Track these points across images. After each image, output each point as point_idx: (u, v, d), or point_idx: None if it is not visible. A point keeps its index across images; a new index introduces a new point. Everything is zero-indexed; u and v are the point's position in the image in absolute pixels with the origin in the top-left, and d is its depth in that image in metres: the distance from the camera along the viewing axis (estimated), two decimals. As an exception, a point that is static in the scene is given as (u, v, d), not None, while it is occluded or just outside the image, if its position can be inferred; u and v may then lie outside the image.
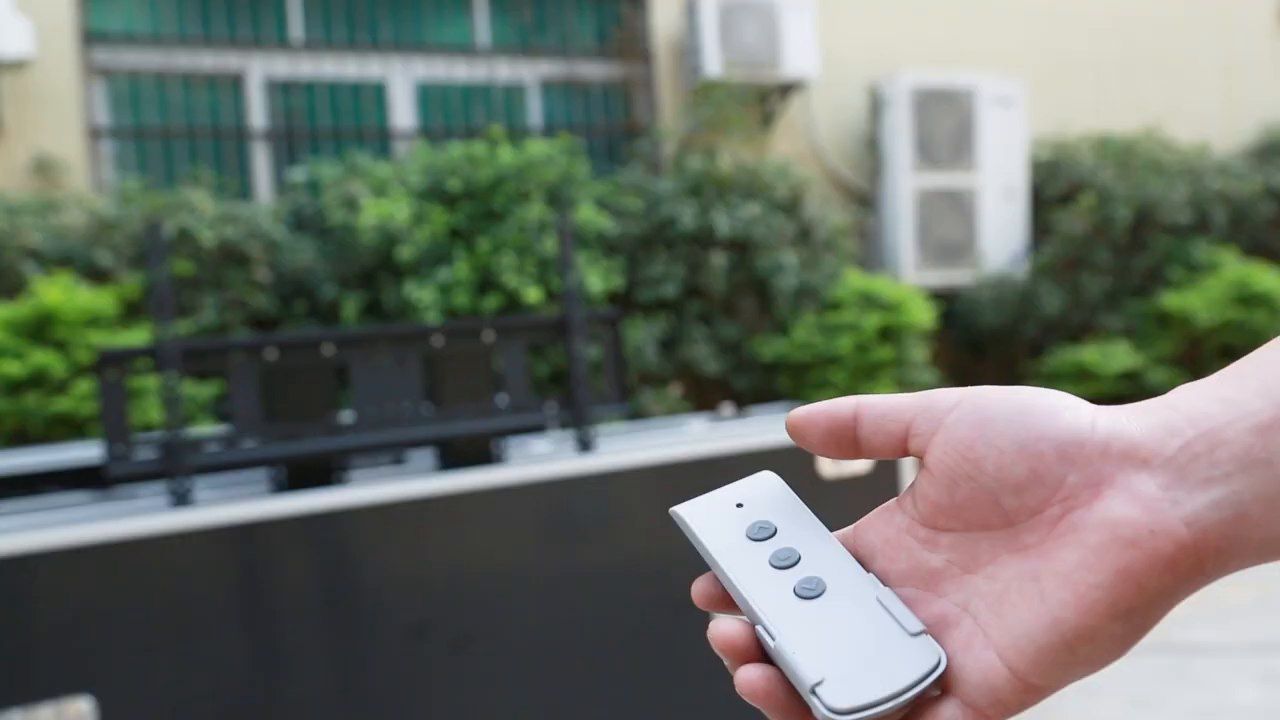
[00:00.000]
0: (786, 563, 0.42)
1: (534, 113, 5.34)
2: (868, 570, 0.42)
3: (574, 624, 1.66)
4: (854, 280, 4.94)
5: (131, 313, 3.93)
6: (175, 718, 1.39)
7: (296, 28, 4.94)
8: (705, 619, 1.69)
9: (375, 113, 5.09)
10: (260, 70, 4.87)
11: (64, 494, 1.71)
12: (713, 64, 5.07)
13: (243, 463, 1.52)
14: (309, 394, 1.60)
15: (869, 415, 0.42)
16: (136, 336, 3.69)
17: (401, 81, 5.11)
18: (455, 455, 1.72)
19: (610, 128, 5.46)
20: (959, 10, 6.00)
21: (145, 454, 1.45)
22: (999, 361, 5.79)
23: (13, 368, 3.40)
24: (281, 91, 4.93)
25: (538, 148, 4.43)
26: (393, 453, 1.84)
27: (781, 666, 0.39)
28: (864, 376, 4.84)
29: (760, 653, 0.40)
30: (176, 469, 1.45)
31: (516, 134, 5.07)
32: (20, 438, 3.55)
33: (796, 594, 0.41)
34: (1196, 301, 5.25)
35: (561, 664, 1.65)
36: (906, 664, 0.38)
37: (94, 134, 4.54)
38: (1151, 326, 5.51)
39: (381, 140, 5.06)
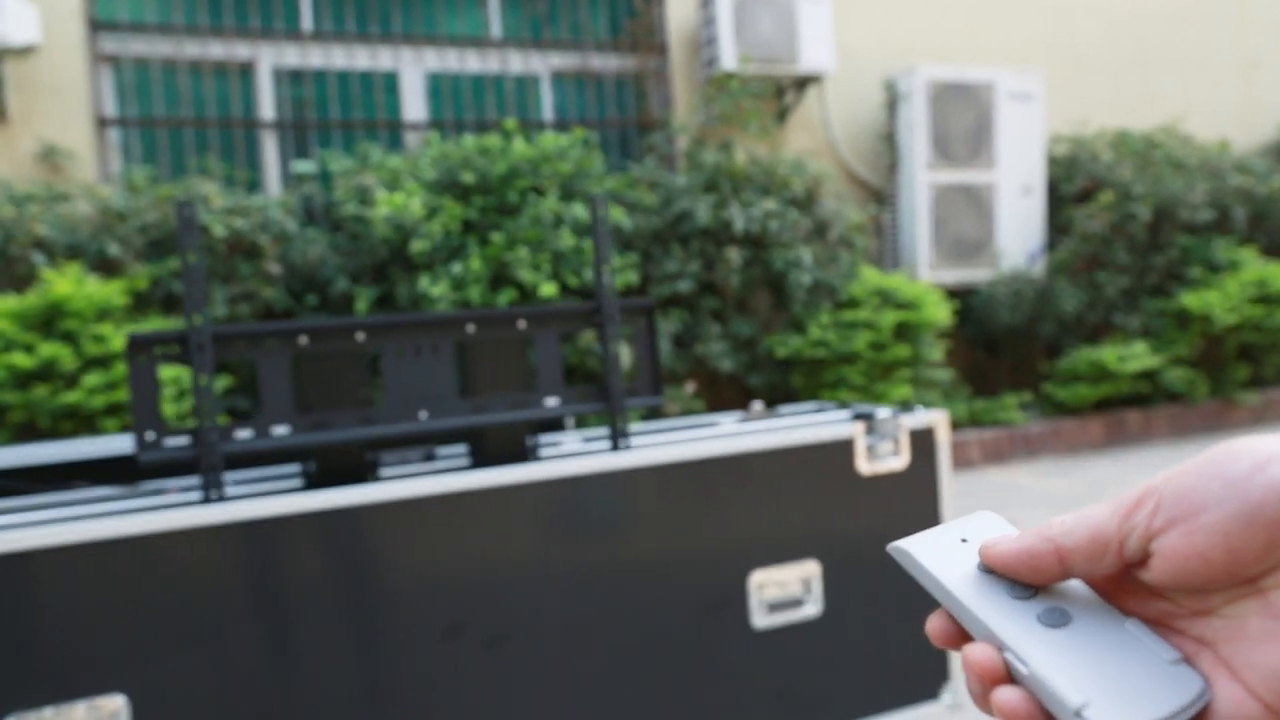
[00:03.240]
0: (1025, 595, 0.42)
1: (546, 105, 5.28)
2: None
3: (609, 621, 1.60)
4: (870, 277, 4.88)
5: (140, 305, 3.86)
6: (208, 715, 1.32)
7: (306, 17, 4.87)
8: (742, 619, 1.61)
9: (386, 104, 5.02)
10: (270, 60, 4.81)
11: (93, 488, 1.65)
12: (728, 57, 5.00)
13: (275, 452, 1.46)
14: (341, 383, 1.54)
15: (1075, 555, 0.41)
16: (146, 329, 3.62)
17: (412, 73, 5.05)
18: (488, 450, 1.66)
19: (623, 121, 5.40)
20: (976, 4, 5.94)
21: (176, 443, 1.38)
22: (1015, 360, 5.74)
23: (21, 360, 3.33)
24: (291, 82, 4.86)
25: (552, 141, 4.36)
26: (424, 446, 1.78)
27: (1036, 692, 0.39)
28: (880, 375, 4.78)
29: (1010, 679, 0.40)
30: (209, 459, 1.39)
31: (529, 126, 5.00)
32: (29, 430, 3.49)
33: (1041, 623, 0.41)
34: (1216, 301, 5.20)
35: (596, 662, 1.59)
36: (1169, 690, 0.38)
37: (101, 123, 4.47)
38: (1170, 326, 5.45)
39: (392, 132, 5.00)
